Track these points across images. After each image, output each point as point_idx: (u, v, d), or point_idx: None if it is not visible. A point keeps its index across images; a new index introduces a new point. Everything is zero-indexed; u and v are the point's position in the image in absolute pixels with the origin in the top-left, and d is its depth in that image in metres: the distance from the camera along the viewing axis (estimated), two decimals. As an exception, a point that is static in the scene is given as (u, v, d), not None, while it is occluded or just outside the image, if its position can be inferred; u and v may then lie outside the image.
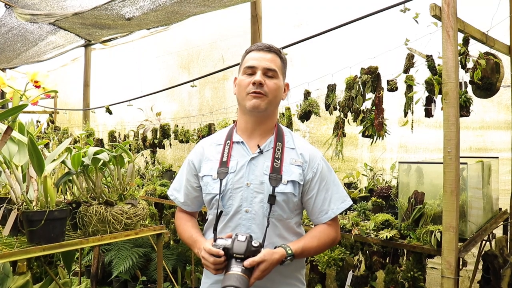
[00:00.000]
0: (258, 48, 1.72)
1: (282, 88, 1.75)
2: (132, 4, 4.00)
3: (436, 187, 2.44)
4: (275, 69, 1.69)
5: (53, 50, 6.13)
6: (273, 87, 1.68)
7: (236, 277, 1.44)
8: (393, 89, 2.73)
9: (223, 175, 1.70)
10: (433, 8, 2.14)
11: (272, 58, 1.70)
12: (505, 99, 3.29)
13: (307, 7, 4.53)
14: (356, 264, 2.87)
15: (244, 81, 1.69)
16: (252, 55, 1.71)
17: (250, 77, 1.68)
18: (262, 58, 1.69)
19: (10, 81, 2.04)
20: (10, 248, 1.93)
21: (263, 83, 1.65)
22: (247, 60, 1.72)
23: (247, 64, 1.70)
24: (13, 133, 2.03)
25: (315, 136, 4.50)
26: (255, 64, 1.68)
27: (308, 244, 1.66)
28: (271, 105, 1.70)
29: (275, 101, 1.72)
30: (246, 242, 1.50)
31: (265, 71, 1.67)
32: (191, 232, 1.80)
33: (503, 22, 2.75)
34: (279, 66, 1.72)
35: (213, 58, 5.74)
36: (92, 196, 2.36)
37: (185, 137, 4.57)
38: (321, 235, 1.71)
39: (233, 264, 1.48)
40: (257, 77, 1.65)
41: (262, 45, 1.72)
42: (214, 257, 1.50)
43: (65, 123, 7.62)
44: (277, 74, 1.70)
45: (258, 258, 1.48)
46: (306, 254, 1.68)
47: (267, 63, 1.68)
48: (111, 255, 4.72)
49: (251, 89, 1.66)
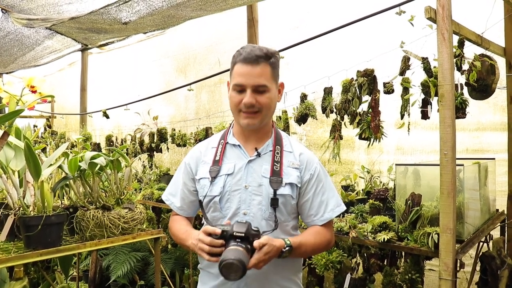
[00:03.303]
0: (245, 61, 1.60)
1: (275, 96, 1.70)
2: (128, 8, 4.00)
3: (433, 189, 2.44)
4: (265, 84, 1.61)
5: (50, 54, 6.12)
6: (266, 101, 1.63)
7: (236, 250, 1.38)
8: (390, 91, 2.74)
9: (215, 173, 1.70)
10: (428, 10, 2.15)
11: (261, 71, 1.60)
12: (501, 100, 3.30)
13: (304, 10, 4.54)
14: (354, 267, 2.87)
15: (235, 98, 1.64)
16: (239, 70, 1.62)
17: (241, 95, 1.62)
18: (250, 74, 1.60)
19: (6, 86, 2.04)
20: (7, 254, 1.92)
21: (253, 103, 1.61)
22: (235, 74, 1.64)
23: (235, 81, 1.63)
24: (9, 138, 2.03)
25: (311, 139, 4.50)
26: (243, 82, 1.60)
27: (305, 240, 1.66)
28: (265, 118, 1.69)
29: (269, 112, 1.70)
30: (247, 224, 1.46)
31: (255, 87, 1.61)
32: (185, 228, 1.77)
33: (498, 24, 2.77)
34: (269, 77, 1.63)
35: (210, 61, 5.74)
36: (89, 201, 2.36)
37: (182, 141, 4.57)
38: (317, 235, 1.71)
39: (232, 243, 1.42)
40: (246, 99, 1.60)
41: (248, 56, 1.60)
42: (211, 237, 1.46)
43: (62, 127, 7.59)
44: (268, 88, 1.63)
45: (263, 240, 1.45)
46: (303, 250, 1.64)
47: (255, 79, 1.60)
48: (109, 260, 4.71)
49: (243, 108, 1.63)
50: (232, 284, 1.66)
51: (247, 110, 1.63)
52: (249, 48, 1.63)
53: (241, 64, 1.61)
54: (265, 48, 1.64)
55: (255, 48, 1.62)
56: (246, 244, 1.43)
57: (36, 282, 2.82)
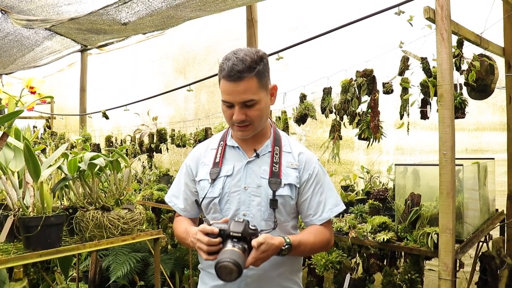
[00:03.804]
0: (228, 78, 1.55)
1: (266, 105, 1.66)
2: (128, 9, 4.00)
3: (433, 189, 2.45)
4: (251, 99, 1.57)
5: (50, 55, 6.12)
6: (256, 114, 1.62)
7: (232, 252, 1.37)
8: (389, 91, 2.74)
9: (215, 175, 1.70)
10: (427, 10, 2.15)
11: (246, 87, 1.55)
12: (500, 100, 3.30)
13: (303, 10, 4.55)
14: (353, 267, 2.87)
15: (227, 112, 1.64)
16: (224, 86, 1.58)
17: (231, 109, 1.61)
18: (235, 92, 1.56)
19: (6, 87, 2.04)
20: (6, 255, 1.92)
21: (244, 119, 1.60)
22: (222, 90, 1.60)
23: (223, 97, 1.61)
24: (9, 139, 2.03)
25: (311, 139, 4.51)
26: (230, 100, 1.58)
27: (304, 238, 1.65)
28: (258, 128, 1.69)
29: (262, 121, 1.69)
30: (244, 223, 1.45)
31: (242, 104, 1.58)
32: (185, 226, 1.76)
33: (497, 24, 2.77)
34: (255, 90, 1.58)
35: (209, 62, 5.74)
36: (88, 202, 2.36)
37: (182, 142, 4.57)
38: (317, 233, 1.71)
39: (229, 243, 1.42)
40: (236, 116, 1.59)
41: (231, 73, 1.54)
42: (208, 237, 1.45)
43: (62, 128, 7.59)
44: (256, 101, 1.59)
45: (261, 239, 1.44)
46: (302, 248, 1.63)
47: (241, 96, 1.56)
48: (109, 260, 4.70)
49: (235, 122, 1.62)
50: (232, 284, 1.66)
51: (239, 125, 1.63)
52: (231, 61, 1.55)
53: (225, 81, 1.57)
54: (248, 57, 1.55)
55: (237, 61, 1.54)
56: (243, 244, 1.42)
57: (35, 283, 2.82)
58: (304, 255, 1.65)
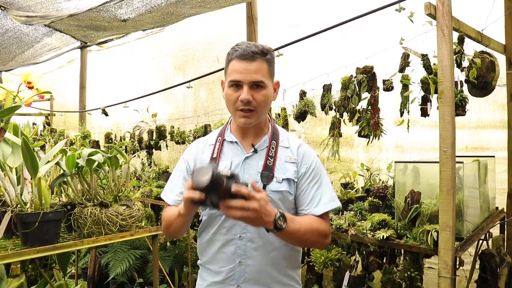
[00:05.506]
0: (241, 57, 1.59)
1: (271, 94, 1.68)
2: (127, 5, 3.98)
3: (433, 186, 2.44)
4: (262, 80, 1.60)
5: (49, 52, 6.10)
6: (262, 99, 1.62)
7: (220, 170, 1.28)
8: (389, 88, 2.73)
9: None
10: (427, 7, 2.14)
11: (258, 67, 1.59)
12: (501, 98, 3.30)
13: (303, 7, 4.53)
14: (353, 265, 2.86)
15: (232, 96, 1.63)
16: (235, 66, 1.60)
17: (237, 91, 1.61)
18: (246, 71, 1.58)
19: (4, 83, 2.03)
20: (4, 251, 1.92)
21: (250, 100, 1.60)
22: (231, 71, 1.62)
23: (232, 77, 1.61)
24: (7, 134, 2.02)
25: (310, 136, 4.50)
26: (240, 79, 1.59)
27: (299, 219, 1.60)
28: (261, 116, 1.68)
29: (265, 110, 1.69)
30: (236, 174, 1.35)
31: (252, 83, 1.60)
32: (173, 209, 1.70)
33: (498, 21, 2.75)
34: (266, 73, 1.62)
35: (208, 59, 5.73)
36: (87, 198, 2.35)
37: (181, 138, 4.56)
38: (312, 220, 1.65)
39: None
40: (243, 95, 1.59)
41: (244, 52, 1.59)
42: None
43: (61, 125, 7.59)
44: (265, 84, 1.62)
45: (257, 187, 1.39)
46: (296, 228, 1.54)
47: (252, 75, 1.59)
48: (108, 257, 4.70)
49: (240, 105, 1.61)
50: (232, 280, 1.66)
51: (244, 108, 1.61)
52: (244, 45, 1.61)
53: (237, 60, 1.60)
54: (260, 45, 1.63)
55: (250, 45, 1.61)
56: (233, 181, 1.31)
57: (33, 279, 2.82)
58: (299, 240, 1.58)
